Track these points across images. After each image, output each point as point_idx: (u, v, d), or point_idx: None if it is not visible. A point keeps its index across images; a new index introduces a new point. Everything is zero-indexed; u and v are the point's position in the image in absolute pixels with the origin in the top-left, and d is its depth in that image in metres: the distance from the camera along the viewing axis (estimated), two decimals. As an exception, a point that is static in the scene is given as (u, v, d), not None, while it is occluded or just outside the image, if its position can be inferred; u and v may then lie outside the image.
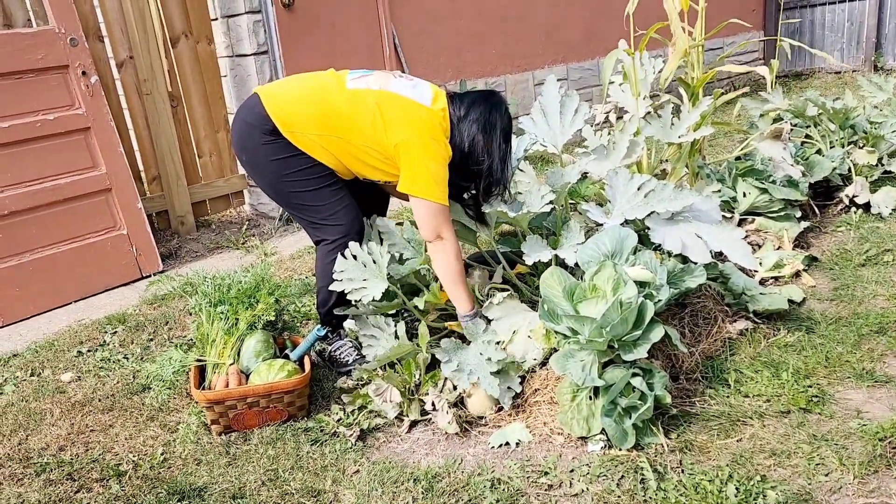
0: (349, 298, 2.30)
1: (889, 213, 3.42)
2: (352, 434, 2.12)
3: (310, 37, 4.35)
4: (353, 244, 2.30)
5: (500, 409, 2.18)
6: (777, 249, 3.03)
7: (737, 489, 1.74)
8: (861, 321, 2.50)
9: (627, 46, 3.01)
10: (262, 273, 2.53)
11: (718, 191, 3.14)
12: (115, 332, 3.02)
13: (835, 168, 3.53)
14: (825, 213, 3.55)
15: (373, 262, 2.30)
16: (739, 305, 2.56)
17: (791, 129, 3.65)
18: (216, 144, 4.35)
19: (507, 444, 2.04)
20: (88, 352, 2.87)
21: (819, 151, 3.71)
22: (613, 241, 2.18)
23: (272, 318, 2.42)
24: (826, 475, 1.79)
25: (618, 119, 3.50)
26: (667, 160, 3.22)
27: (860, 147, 3.74)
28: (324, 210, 2.32)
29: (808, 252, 3.07)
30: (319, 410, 2.29)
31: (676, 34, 2.95)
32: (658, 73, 3.10)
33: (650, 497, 1.76)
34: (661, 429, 1.99)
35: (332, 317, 2.50)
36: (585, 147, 2.87)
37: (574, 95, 2.68)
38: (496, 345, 2.18)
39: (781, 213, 3.18)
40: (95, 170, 3.49)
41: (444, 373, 2.15)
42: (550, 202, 2.33)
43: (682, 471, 1.85)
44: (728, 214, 3.22)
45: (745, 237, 2.38)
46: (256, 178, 2.36)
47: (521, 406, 2.17)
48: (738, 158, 3.38)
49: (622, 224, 2.29)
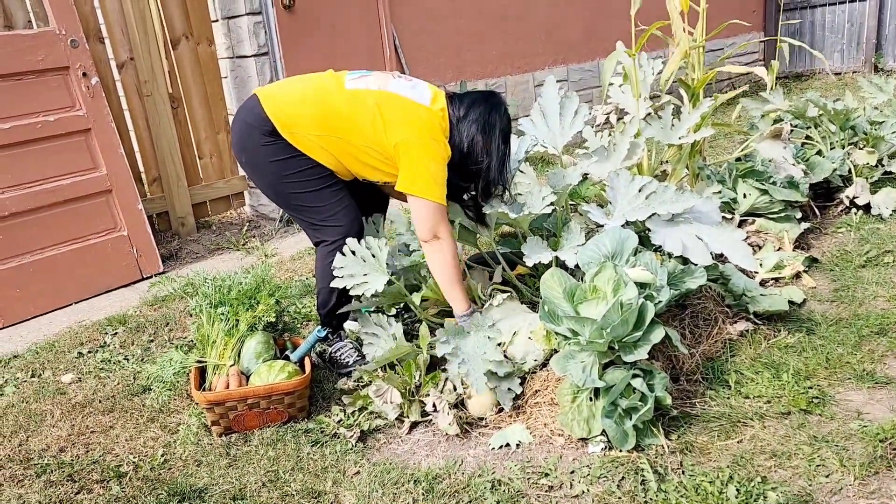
0: (352, 294, 2.29)
1: (889, 215, 3.42)
2: (352, 435, 2.12)
3: (310, 38, 4.35)
4: (351, 240, 2.30)
5: (501, 411, 2.18)
6: (777, 251, 3.03)
7: (737, 490, 1.74)
8: (861, 322, 2.50)
9: (626, 48, 3.01)
10: (263, 274, 2.53)
11: (719, 192, 3.14)
12: (116, 334, 3.02)
13: (835, 169, 3.53)
14: (825, 215, 3.55)
15: (372, 257, 2.30)
16: (740, 307, 2.56)
17: (791, 130, 3.65)
18: (217, 146, 4.35)
19: (508, 446, 2.04)
20: (89, 353, 2.87)
21: (819, 152, 3.71)
22: (614, 243, 2.18)
23: (272, 320, 2.42)
24: (827, 476, 1.79)
25: (618, 120, 3.50)
26: (667, 161, 3.23)
27: (860, 148, 3.74)
28: (323, 211, 2.32)
29: (809, 253, 3.07)
30: (320, 412, 2.29)
31: (678, 35, 2.95)
32: (658, 75, 3.10)
33: (651, 498, 1.76)
34: (662, 430, 1.99)
35: (333, 318, 2.50)
36: (586, 148, 2.87)
37: (574, 97, 2.68)
38: (497, 346, 2.18)
39: (782, 215, 3.18)
40: (96, 171, 3.49)
41: (439, 352, 2.14)
42: (551, 203, 2.33)
43: (683, 472, 1.85)
44: (728, 216, 3.22)
45: (746, 238, 2.39)
46: (256, 180, 2.36)
47: (522, 407, 2.17)
48: (739, 160, 3.38)
49: (623, 225, 2.29)
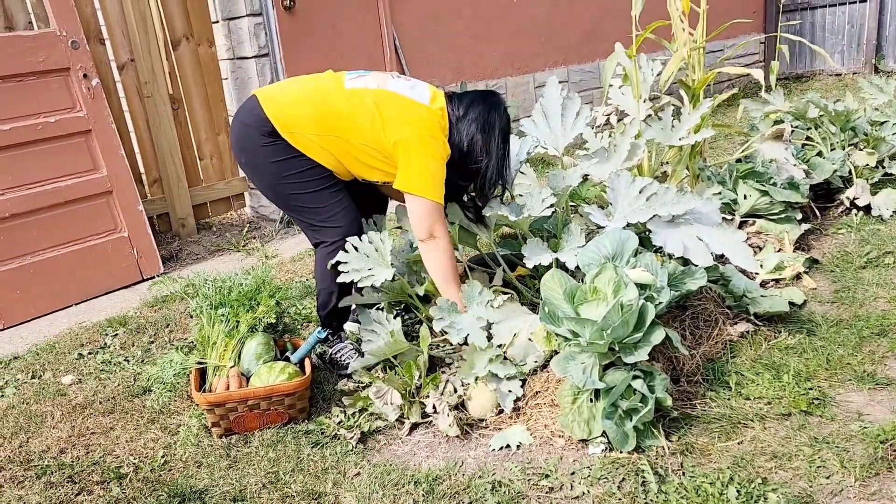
0: (360, 286, 2.31)
1: (890, 216, 3.42)
2: (352, 436, 2.12)
3: (310, 39, 4.36)
4: (353, 238, 2.31)
5: (501, 412, 2.18)
6: (778, 252, 3.02)
7: (738, 492, 1.74)
8: (862, 323, 2.50)
9: (625, 49, 3.01)
10: (263, 275, 2.53)
11: (719, 193, 3.14)
12: (116, 335, 3.02)
13: (835, 170, 3.53)
14: (826, 216, 3.55)
15: (375, 251, 2.31)
16: (740, 308, 2.56)
17: (792, 132, 3.65)
18: (217, 147, 4.35)
19: (508, 447, 2.04)
20: (89, 354, 2.87)
21: (820, 153, 3.71)
22: (614, 244, 2.18)
23: (273, 321, 2.42)
24: (827, 478, 1.78)
25: (618, 121, 3.50)
26: (667, 162, 3.23)
27: (861, 149, 3.74)
28: (323, 212, 2.32)
29: (809, 254, 3.06)
30: (320, 413, 2.29)
31: (678, 36, 2.95)
32: (658, 76, 3.10)
33: (651, 500, 1.76)
34: (662, 431, 1.99)
35: (333, 319, 2.51)
36: (586, 149, 2.87)
37: (576, 98, 2.68)
38: (497, 347, 2.18)
39: (782, 216, 3.18)
40: (96, 172, 3.49)
41: (436, 327, 2.15)
42: (551, 205, 2.33)
43: (683, 473, 1.85)
44: (729, 217, 3.21)
45: (746, 239, 2.39)
46: (255, 180, 2.36)
47: (522, 409, 2.17)
48: (739, 161, 3.38)
49: (623, 227, 2.29)
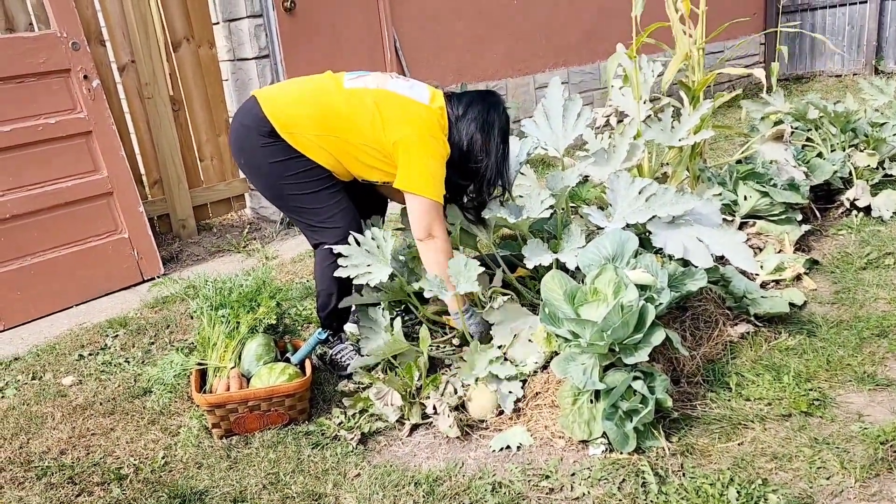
0: (355, 283, 2.31)
1: (890, 217, 3.42)
2: (353, 437, 2.12)
3: (311, 40, 4.36)
4: (355, 234, 2.32)
5: (501, 413, 2.18)
6: (778, 253, 3.02)
7: (738, 493, 1.74)
8: (862, 324, 2.50)
9: (626, 50, 3.02)
10: (264, 276, 2.53)
11: (719, 194, 3.14)
12: (117, 336, 3.02)
13: (836, 171, 3.53)
14: (826, 217, 3.55)
15: (377, 248, 2.31)
16: (740, 309, 2.56)
17: (792, 133, 3.65)
18: (217, 148, 4.35)
19: (509, 448, 2.04)
20: (90, 355, 2.87)
21: (820, 154, 3.71)
22: (614, 245, 2.18)
23: (273, 322, 2.42)
24: (827, 479, 1.78)
25: (618, 122, 3.50)
26: (668, 163, 3.23)
27: (861, 150, 3.74)
28: (322, 213, 2.32)
29: (809, 255, 3.06)
30: (320, 414, 2.29)
31: (678, 37, 2.96)
32: (659, 77, 3.10)
33: (651, 500, 1.76)
34: (663, 432, 1.99)
35: (333, 320, 2.50)
36: (586, 151, 2.87)
37: (577, 99, 2.67)
38: (498, 348, 2.18)
39: (782, 217, 3.18)
40: (97, 173, 3.50)
41: (427, 295, 2.17)
42: (550, 207, 2.33)
43: (684, 474, 1.85)
44: (729, 218, 3.21)
45: (746, 240, 2.39)
46: (255, 181, 2.37)
47: (522, 410, 2.17)
48: (739, 162, 3.38)
49: (623, 228, 2.29)
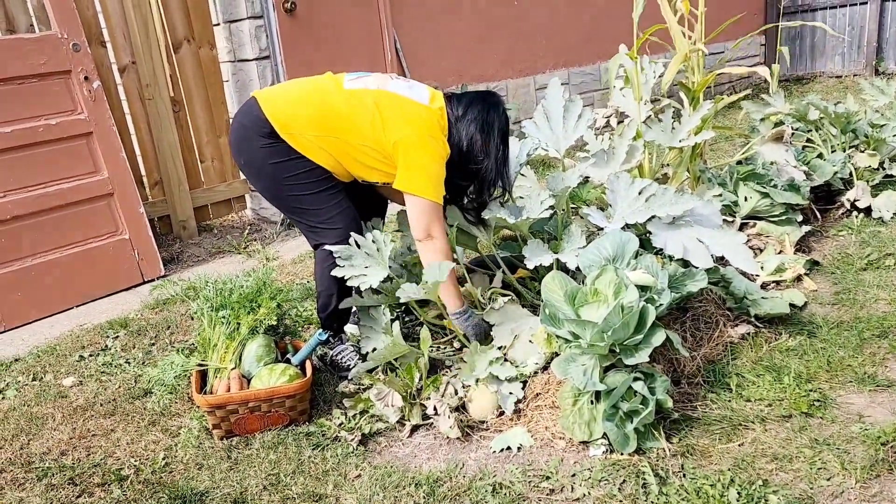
0: (349, 285, 2.31)
1: (890, 217, 3.42)
2: (353, 438, 2.12)
3: (311, 41, 4.36)
4: (355, 235, 2.32)
5: (502, 414, 2.18)
6: (778, 254, 3.02)
7: (738, 493, 1.74)
8: (863, 325, 2.50)
9: (627, 51, 3.02)
10: (264, 277, 2.53)
11: (720, 195, 3.14)
12: (117, 337, 3.03)
13: (836, 172, 3.53)
14: (826, 218, 3.55)
15: (377, 251, 2.31)
16: (741, 309, 2.56)
17: (792, 133, 3.65)
18: (218, 149, 4.36)
19: (509, 449, 2.04)
20: (90, 356, 2.87)
21: (820, 155, 3.71)
22: (615, 246, 2.18)
23: (274, 323, 2.42)
24: (828, 479, 1.78)
25: (618, 123, 3.50)
26: (668, 164, 3.23)
27: (861, 151, 3.73)
28: (322, 214, 2.32)
29: (810, 256, 3.06)
30: (321, 415, 2.29)
31: (676, 38, 2.96)
32: (659, 78, 3.10)
33: (652, 501, 1.76)
34: (663, 433, 1.99)
35: (334, 321, 2.50)
36: (587, 151, 2.87)
37: (578, 100, 2.67)
38: (498, 349, 2.18)
39: (783, 218, 3.18)
40: (97, 174, 3.50)
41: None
42: (550, 207, 2.33)
43: (684, 475, 1.85)
44: (729, 219, 3.21)
45: (747, 241, 2.39)
46: (254, 182, 2.37)
47: (523, 411, 2.17)
48: (740, 162, 3.38)
49: (623, 228, 2.29)
